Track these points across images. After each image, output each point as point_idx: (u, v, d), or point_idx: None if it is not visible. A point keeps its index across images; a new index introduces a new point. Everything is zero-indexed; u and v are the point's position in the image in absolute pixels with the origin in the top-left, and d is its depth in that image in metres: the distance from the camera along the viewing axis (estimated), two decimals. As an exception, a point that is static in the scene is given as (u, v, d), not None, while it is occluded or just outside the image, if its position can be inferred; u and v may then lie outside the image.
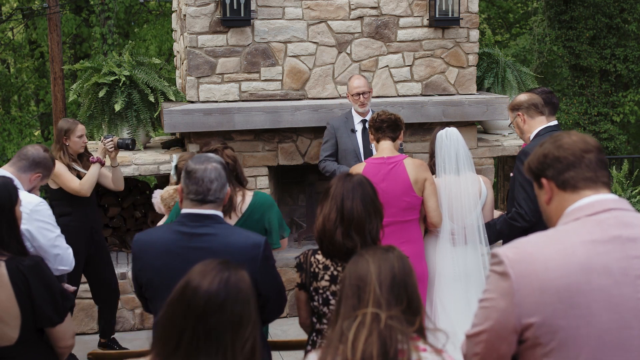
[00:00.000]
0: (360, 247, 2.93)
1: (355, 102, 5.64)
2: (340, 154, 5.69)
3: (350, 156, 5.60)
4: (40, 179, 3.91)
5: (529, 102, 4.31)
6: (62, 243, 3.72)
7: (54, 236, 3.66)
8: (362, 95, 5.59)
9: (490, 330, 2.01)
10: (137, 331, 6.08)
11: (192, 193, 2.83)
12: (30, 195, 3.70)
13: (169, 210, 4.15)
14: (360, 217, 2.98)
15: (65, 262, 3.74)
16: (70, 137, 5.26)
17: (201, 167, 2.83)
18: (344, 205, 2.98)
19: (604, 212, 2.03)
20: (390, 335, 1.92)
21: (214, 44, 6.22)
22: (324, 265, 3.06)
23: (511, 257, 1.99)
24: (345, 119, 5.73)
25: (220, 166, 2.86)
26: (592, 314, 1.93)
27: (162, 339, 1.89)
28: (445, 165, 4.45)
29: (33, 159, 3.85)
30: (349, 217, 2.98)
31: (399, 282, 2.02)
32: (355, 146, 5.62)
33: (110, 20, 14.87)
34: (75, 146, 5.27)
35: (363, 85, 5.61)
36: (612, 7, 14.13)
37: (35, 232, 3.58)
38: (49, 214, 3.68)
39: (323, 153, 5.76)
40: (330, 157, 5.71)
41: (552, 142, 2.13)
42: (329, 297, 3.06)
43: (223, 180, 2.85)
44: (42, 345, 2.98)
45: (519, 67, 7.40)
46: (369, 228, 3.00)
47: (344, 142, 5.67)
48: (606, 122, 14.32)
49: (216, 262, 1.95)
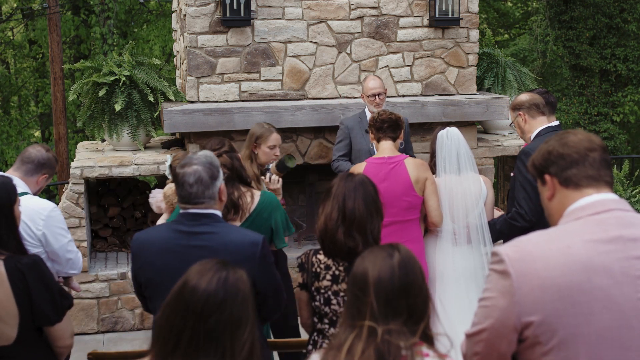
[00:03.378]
0: (362, 247, 2.93)
1: (370, 103, 5.60)
2: (354, 154, 5.66)
3: (364, 156, 5.57)
4: (46, 179, 3.95)
5: (530, 102, 4.31)
6: (73, 248, 3.84)
7: (66, 241, 3.77)
8: (378, 96, 5.55)
9: (490, 329, 2.00)
10: (137, 331, 6.08)
11: (179, 196, 2.87)
12: (44, 201, 3.79)
13: (171, 207, 4.15)
14: (362, 217, 2.97)
15: (75, 266, 3.87)
16: (261, 146, 4.57)
17: (181, 171, 2.84)
18: (345, 205, 2.98)
19: (605, 212, 2.02)
20: (389, 349, 1.91)
21: (214, 44, 6.22)
22: (325, 265, 3.06)
23: (512, 255, 1.98)
24: (359, 119, 5.71)
25: (201, 167, 2.82)
26: (593, 313, 1.92)
27: (161, 339, 1.88)
28: (445, 165, 4.45)
29: (38, 161, 3.87)
30: (350, 216, 2.97)
31: (399, 293, 1.98)
32: (369, 146, 5.60)
33: (110, 21, 14.88)
34: (264, 157, 4.59)
35: (379, 87, 5.58)
36: (612, 7, 14.14)
37: (50, 237, 3.67)
38: (62, 219, 3.79)
39: (336, 153, 5.73)
40: (343, 157, 5.69)
41: (557, 140, 2.14)
42: (330, 296, 3.06)
43: (206, 181, 2.82)
44: (40, 345, 2.98)
45: (519, 67, 7.40)
46: (371, 228, 2.99)
47: (358, 142, 5.64)
48: (606, 121, 14.34)
49: (214, 262, 1.95)
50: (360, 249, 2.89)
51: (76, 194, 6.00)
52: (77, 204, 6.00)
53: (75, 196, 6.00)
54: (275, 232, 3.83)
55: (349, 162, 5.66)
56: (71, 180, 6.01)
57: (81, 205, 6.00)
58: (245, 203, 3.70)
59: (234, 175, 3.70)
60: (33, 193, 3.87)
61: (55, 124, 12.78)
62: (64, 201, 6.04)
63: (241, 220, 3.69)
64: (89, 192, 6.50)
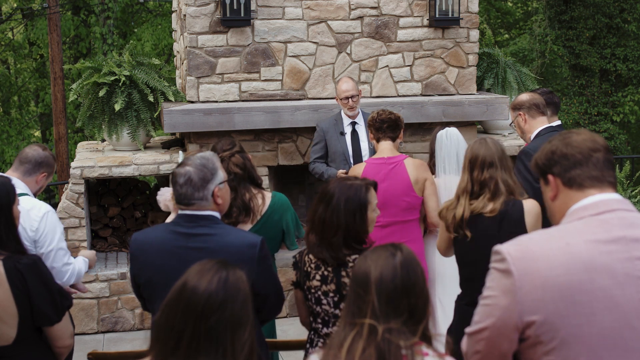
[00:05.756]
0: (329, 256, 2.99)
1: (344, 106, 5.56)
2: (330, 156, 5.64)
3: (339, 159, 5.56)
4: (46, 177, 3.93)
5: (531, 102, 4.31)
6: (61, 258, 3.70)
7: (52, 247, 3.64)
8: (351, 99, 5.50)
9: (491, 328, 2.00)
10: (136, 331, 6.08)
11: (175, 196, 2.88)
12: (40, 203, 3.72)
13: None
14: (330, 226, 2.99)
15: (57, 276, 3.67)
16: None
17: (175, 170, 2.87)
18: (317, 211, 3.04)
19: (608, 212, 2.02)
20: (389, 348, 1.90)
21: (214, 44, 6.22)
22: (315, 264, 3.06)
23: (514, 254, 1.98)
24: (335, 121, 5.68)
25: (192, 169, 2.82)
26: (594, 313, 1.92)
27: (161, 339, 1.88)
28: (445, 165, 4.45)
29: (35, 160, 3.85)
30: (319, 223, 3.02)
31: (401, 293, 1.97)
32: (344, 149, 5.56)
33: (110, 20, 14.88)
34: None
35: (352, 89, 5.51)
36: (612, 7, 14.14)
37: (40, 241, 3.60)
38: (56, 224, 3.69)
39: (313, 155, 5.72)
40: (319, 159, 5.68)
41: (561, 139, 2.13)
42: (320, 297, 3.05)
43: (195, 183, 2.82)
44: (40, 345, 2.98)
45: (519, 67, 7.40)
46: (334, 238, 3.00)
47: (333, 144, 5.61)
48: (606, 121, 14.34)
49: (213, 262, 1.95)
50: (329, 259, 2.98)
51: (76, 194, 6.00)
52: (77, 204, 6.00)
53: (75, 196, 6.00)
54: (287, 233, 3.76)
55: (325, 164, 5.64)
56: (71, 180, 6.00)
57: (81, 205, 6.00)
58: (257, 205, 3.64)
59: (245, 175, 3.65)
60: (33, 192, 3.86)
61: (55, 124, 12.78)
62: (64, 201, 6.04)
63: (252, 223, 3.64)
64: (89, 192, 6.50)
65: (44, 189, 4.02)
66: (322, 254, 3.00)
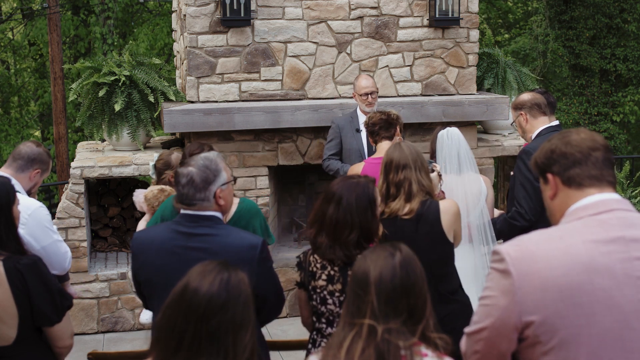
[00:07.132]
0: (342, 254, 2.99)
1: (362, 102, 5.61)
2: (345, 153, 5.67)
3: (354, 156, 5.58)
4: (39, 174, 3.90)
5: (532, 102, 4.31)
6: (61, 248, 3.70)
7: (51, 241, 3.64)
8: (370, 95, 5.58)
9: (490, 328, 2.00)
10: (137, 331, 6.08)
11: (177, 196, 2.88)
12: (30, 200, 3.69)
13: (152, 210, 4.13)
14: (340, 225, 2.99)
15: (57, 267, 3.68)
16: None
17: (178, 170, 2.88)
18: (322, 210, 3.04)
19: (607, 212, 2.02)
20: (388, 348, 1.90)
21: (214, 44, 6.22)
22: (321, 264, 3.07)
23: (513, 254, 1.98)
24: (351, 118, 5.71)
25: (195, 170, 2.84)
26: (594, 313, 1.92)
27: (162, 340, 1.88)
28: (446, 165, 4.45)
29: (28, 157, 3.83)
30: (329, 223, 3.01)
31: (400, 293, 1.97)
32: (359, 146, 5.59)
33: (110, 20, 14.87)
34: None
35: (371, 86, 5.59)
36: (612, 7, 14.13)
37: (31, 237, 3.56)
38: (47, 218, 3.66)
39: (327, 152, 5.73)
40: (334, 156, 5.69)
41: (560, 138, 2.13)
42: (326, 296, 3.06)
43: (197, 184, 2.82)
44: (40, 345, 2.98)
45: (519, 67, 7.39)
46: (349, 237, 3.00)
47: (348, 141, 5.64)
48: (606, 121, 14.33)
49: (215, 264, 1.94)
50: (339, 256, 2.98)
51: (76, 194, 6.00)
52: (77, 204, 6.00)
53: (75, 196, 6.00)
54: None
55: (339, 161, 5.66)
56: (71, 180, 6.00)
57: (81, 205, 6.00)
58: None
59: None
60: (27, 189, 3.83)
61: (55, 124, 12.78)
62: (64, 201, 6.04)
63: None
64: (89, 192, 6.50)
65: (39, 186, 3.98)
66: (333, 254, 3.00)
